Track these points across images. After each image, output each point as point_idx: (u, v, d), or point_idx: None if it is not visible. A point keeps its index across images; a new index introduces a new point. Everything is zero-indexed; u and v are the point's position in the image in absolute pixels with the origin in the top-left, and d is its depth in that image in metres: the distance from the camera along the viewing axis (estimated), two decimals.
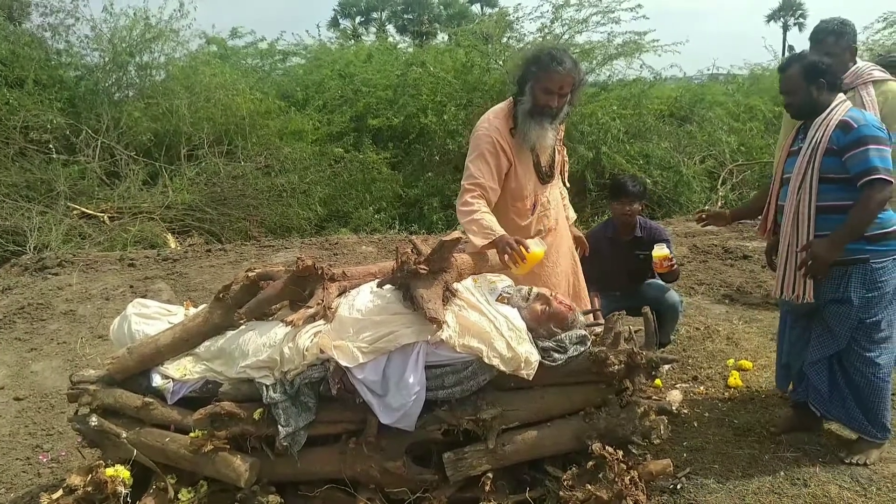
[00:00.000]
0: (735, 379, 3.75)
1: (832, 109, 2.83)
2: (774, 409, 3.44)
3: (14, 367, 4.54)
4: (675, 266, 3.76)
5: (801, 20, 48.11)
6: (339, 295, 2.66)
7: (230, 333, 2.71)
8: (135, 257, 7.30)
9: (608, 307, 3.72)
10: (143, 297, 5.75)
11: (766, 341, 4.37)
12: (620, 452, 2.40)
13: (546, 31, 11.01)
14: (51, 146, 8.96)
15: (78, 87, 10.08)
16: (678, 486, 2.80)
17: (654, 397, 2.70)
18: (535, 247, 2.73)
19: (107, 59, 10.25)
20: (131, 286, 6.27)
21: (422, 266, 2.38)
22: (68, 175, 8.80)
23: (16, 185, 8.48)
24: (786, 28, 47.92)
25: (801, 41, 43.96)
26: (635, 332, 2.70)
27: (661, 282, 4.00)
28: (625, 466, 2.37)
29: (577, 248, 3.67)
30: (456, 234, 2.43)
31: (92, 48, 10.37)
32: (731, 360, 4.03)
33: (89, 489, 2.45)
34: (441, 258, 2.43)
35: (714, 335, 4.49)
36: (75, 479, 2.49)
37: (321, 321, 2.53)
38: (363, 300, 2.56)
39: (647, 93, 11.52)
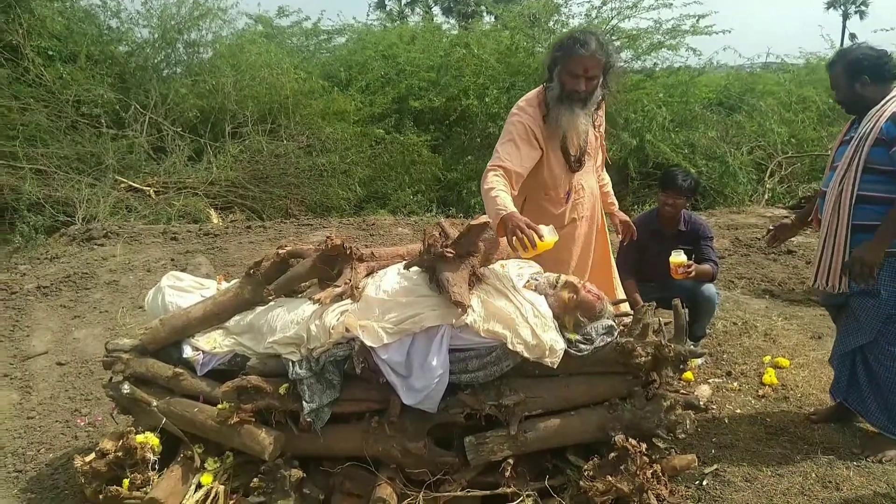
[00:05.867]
0: (770, 376, 3.65)
1: (888, 100, 2.76)
2: (810, 409, 3.35)
3: (58, 333, 4.70)
4: (693, 272, 3.66)
5: (862, 8, 46.06)
6: (367, 275, 2.67)
7: (259, 309, 2.75)
8: (177, 231, 7.46)
9: (643, 297, 3.68)
10: (184, 270, 5.92)
11: (806, 339, 4.25)
12: (644, 445, 2.36)
13: (594, 15, 10.82)
14: (101, 120, 9.17)
15: (128, 63, 10.27)
16: (704, 483, 2.75)
17: (681, 391, 2.64)
18: (548, 235, 2.66)
19: (156, 35, 10.42)
20: (172, 259, 6.42)
21: (448, 249, 2.37)
22: (117, 149, 9.00)
23: (67, 158, 8.70)
24: (846, 16, 45.95)
25: (861, 30, 42.08)
26: (665, 324, 2.65)
27: None
28: (647, 460, 2.33)
29: (623, 234, 3.62)
30: (483, 218, 2.41)
31: (142, 25, 10.56)
32: (768, 357, 3.93)
33: (120, 454, 2.53)
34: (468, 242, 2.41)
35: (751, 330, 4.39)
36: (107, 444, 2.58)
37: (348, 300, 2.55)
38: (390, 281, 2.56)
39: (695, 81, 11.23)
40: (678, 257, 3.64)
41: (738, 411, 3.37)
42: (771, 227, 3.43)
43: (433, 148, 10.62)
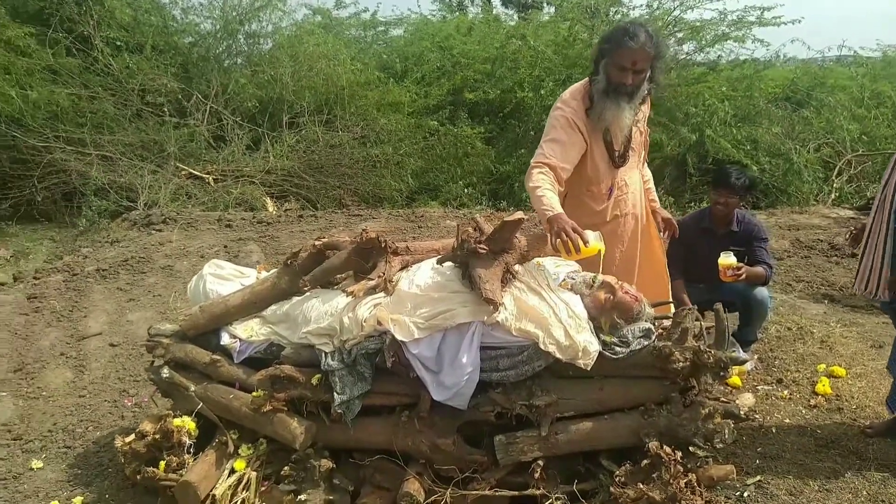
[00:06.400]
0: (824, 386, 3.48)
1: None
2: (865, 421, 3.17)
3: (113, 315, 4.88)
4: (743, 275, 3.50)
5: None
6: (402, 269, 2.66)
7: (296, 299, 2.78)
8: (231, 219, 7.63)
9: (692, 298, 3.56)
10: (236, 257, 6.06)
11: (865, 348, 4.03)
12: (679, 454, 2.28)
13: (655, 6, 10.52)
14: (164, 109, 9.46)
15: (191, 53, 10.55)
16: (745, 494, 2.64)
17: (721, 399, 2.54)
18: (594, 241, 2.58)
19: (218, 26, 10.67)
20: (225, 246, 6.58)
21: (482, 245, 2.33)
22: (178, 137, 9.27)
23: (132, 145, 9.02)
24: None
25: None
26: (707, 329, 2.55)
27: None
28: (682, 469, 2.25)
29: (665, 231, 3.51)
30: (519, 214, 2.36)
31: (205, 16, 10.83)
32: (822, 366, 3.74)
33: (158, 437, 2.60)
34: (502, 238, 2.37)
35: (807, 337, 4.19)
36: (146, 426, 2.65)
37: (381, 293, 2.54)
38: (423, 276, 2.54)
39: (760, 74, 10.79)
40: (727, 259, 3.50)
41: (787, 421, 3.23)
42: (854, 229, 3.26)
43: (487, 140, 10.53)
